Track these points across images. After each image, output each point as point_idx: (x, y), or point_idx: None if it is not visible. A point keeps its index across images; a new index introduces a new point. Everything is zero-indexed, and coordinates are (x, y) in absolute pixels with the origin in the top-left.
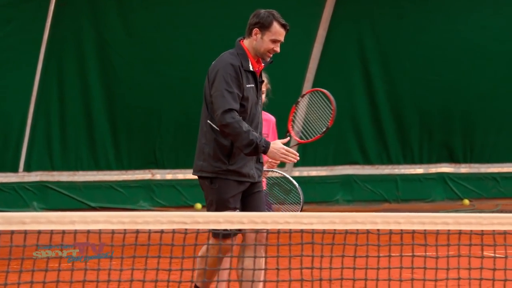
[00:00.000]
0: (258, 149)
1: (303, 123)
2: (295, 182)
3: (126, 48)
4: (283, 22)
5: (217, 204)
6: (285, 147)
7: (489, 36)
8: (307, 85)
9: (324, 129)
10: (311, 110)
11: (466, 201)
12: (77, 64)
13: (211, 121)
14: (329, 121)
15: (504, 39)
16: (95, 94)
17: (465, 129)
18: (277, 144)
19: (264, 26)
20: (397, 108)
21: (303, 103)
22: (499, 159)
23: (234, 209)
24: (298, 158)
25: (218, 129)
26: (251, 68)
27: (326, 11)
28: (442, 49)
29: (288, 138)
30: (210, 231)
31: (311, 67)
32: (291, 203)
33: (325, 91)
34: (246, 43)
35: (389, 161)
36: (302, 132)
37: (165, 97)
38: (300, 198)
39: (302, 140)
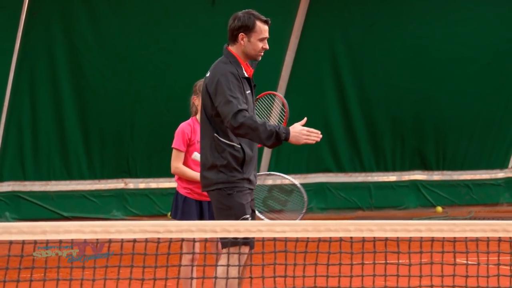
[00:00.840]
0: (280, 137)
1: None
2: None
3: (98, 56)
4: (264, 18)
5: (236, 209)
6: (305, 127)
7: (461, 43)
8: (280, 93)
9: None
10: (266, 113)
11: (439, 208)
12: (49, 73)
13: (217, 134)
14: (283, 124)
15: (475, 46)
16: (67, 103)
17: (438, 137)
18: (296, 127)
19: (249, 28)
20: (369, 115)
21: (258, 107)
22: (472, 166)
23: (248, 214)
24: (321, 135)
25: (226, 141)
26: (246, 75)
27: (298, 19)
28: (414, 56)
29: (306, 118)
30: (224, 240)
31: (283, 74)
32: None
33: (278, 94)
34: (234, 49)
35: (362, 168)
36: None
37: (137, 106)
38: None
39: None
